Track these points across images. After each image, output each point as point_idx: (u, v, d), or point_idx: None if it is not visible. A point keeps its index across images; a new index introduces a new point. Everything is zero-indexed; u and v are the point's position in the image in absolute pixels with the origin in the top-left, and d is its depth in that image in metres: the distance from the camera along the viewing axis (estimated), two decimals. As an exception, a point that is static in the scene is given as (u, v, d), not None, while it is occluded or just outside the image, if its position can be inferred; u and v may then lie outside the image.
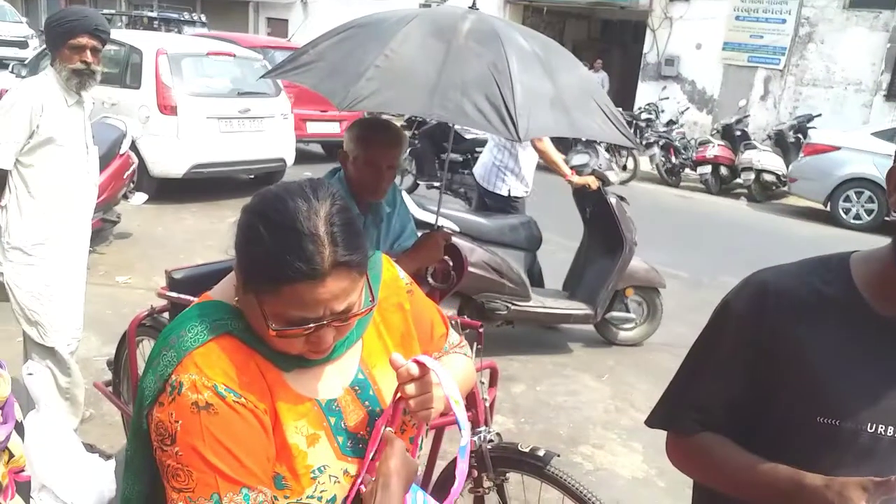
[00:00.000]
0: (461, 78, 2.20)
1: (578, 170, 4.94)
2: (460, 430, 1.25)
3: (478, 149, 8.79)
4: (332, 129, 10.51)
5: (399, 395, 1.22)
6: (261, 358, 1.15)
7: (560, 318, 5.02)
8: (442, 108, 2.17)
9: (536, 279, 5.16)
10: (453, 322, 2.25)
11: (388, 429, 1.23)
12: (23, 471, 1.44)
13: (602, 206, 4.92)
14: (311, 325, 1.09)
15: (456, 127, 8.85)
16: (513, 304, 4.72)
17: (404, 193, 4.73)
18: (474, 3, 2.63)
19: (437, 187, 8.77)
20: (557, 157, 5.03)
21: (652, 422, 1.43)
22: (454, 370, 1.35)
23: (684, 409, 1.35)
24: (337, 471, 1.19)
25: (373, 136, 2.51)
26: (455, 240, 4.53)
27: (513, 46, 2.33)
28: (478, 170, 5.38)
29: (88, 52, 3.08)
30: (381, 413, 1.26)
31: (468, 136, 8.86)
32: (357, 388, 1.25)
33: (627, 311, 5.15)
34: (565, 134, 2.61)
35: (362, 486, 1.20)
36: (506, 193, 5.16)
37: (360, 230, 1.15)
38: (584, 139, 5.81)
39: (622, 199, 4.97)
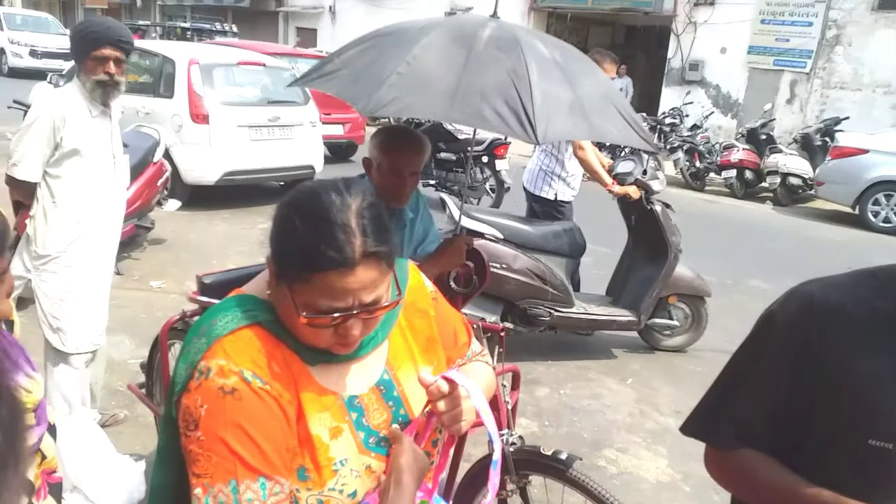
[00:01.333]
0: (481, 83, 2.23)
1: (622, 178, 4.88)
2: (491, 443, 1.27)
3: (470, 148, 8.94)
4: (337, 131, 10.82)
5: (429, 409, 1.25)
6: (288, 350, 1.17)
7: (603, 325, 5.01)
8: (462, 112, 2.20)
9: (575, 284, 5.17)
10: (475, 326, 2.27)
11: (395, 426, 1.25)
12: (55, 472, 1.46)
13: (646, 214, 4.91)
14: (340, 314, 1.12)
15: (448, 126, 9.05)
16: (556, 311, 4.75)
17: (450, 202, 4.79)
18: (495, 12, 2.66)
19: (432, 185, 9.01)
20: (598, 166, 4.97)
21: (687, 430, 1.38)
22: (476, 379, 1.36)
23: (723, 422, 1.31)
24: (358, 465, 1.20)
25: (396, 144, 2.55)
26: (498, 245, 4.58)
27: (533, 53, 2.35)
28: (525, 175, 5.40)
29: (112, 64, 3.08)
30: (406, 416, 1.28)
31: (461, 137, 9.12)
32: (382, 387, 1.27)
33: (671, 317, 5.13)
34: (584, 138, 2.63)
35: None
36: (552, 197, 5.17)
37: (389, 225, 1.18)
38: (629, 148, 5.77)
39: (667, 206, 4.95)
